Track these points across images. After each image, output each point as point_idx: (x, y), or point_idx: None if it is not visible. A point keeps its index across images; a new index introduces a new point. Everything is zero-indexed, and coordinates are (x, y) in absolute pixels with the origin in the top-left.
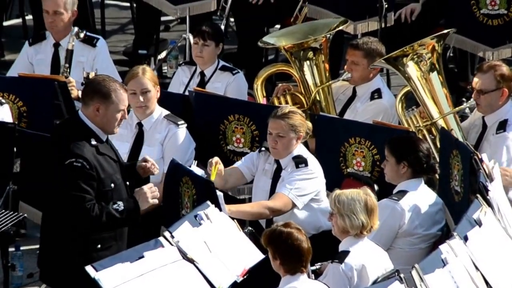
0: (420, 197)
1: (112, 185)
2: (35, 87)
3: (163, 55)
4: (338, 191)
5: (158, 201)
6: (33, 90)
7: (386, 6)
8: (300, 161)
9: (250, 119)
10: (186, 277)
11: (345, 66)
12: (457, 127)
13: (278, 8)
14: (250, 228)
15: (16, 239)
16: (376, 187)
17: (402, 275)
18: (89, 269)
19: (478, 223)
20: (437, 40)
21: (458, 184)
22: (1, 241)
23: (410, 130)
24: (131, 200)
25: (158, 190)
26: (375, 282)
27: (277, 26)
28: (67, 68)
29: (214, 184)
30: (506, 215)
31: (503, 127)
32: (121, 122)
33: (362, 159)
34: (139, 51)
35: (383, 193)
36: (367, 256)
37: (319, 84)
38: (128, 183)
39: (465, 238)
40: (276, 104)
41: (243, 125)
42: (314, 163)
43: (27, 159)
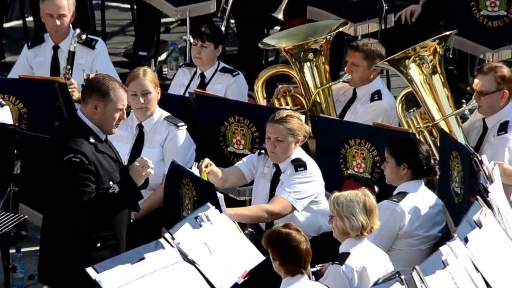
0: (420, 199)
1: (111, 183)
2: (36, 89)
3: (164, 57)
4: (337, 193)
5: (159, 203)
6: (34, 92)
7: (386, 8)
8: (299, 165)
9: (251, 121)
10: (187, 279)
11: (345, 68)
12: (459, 129)
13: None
14: (251, 230)
15: (17, 241)
16: (377, 189)
17: (403, 277)
18: (90, 271)
19: (478, 225)
20: (439, 42)
21: (458, 186)
22: (2, 243)
23: (410, 132)
24: (124, 179)
25: (159, 192)
26: (376, 284)
27: (277, 28)
28: (69, 70)
29: (213, 184)
30: (506, 217)
31: (504, 129)
32: (120, 123)
33: (362, 161)
34: (140, 53)
35: (384, 195)
36: (368, 258)
37: (319, 86)
38: None
39: (466, 240)
40: (277, 106)
41: (244, 127)
42: (313, 166)
43: (28, 161)
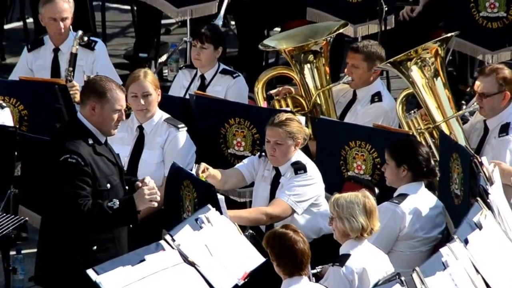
0: (421, 200)
1: (108, 186)
2: (36, 91)
3: (164, 59)
4: (337, 195)
5: (159, 205)
6: (34, 94)
7: (386, 9)
8: (299, 167)
9: (251, 123)
10: (187, 281)
11: (346, 69)
12: (460, 131)
13: (279, 11)
14: (251, 231)
15: (17, 243)
16: (377, 191)
17: (403, 278)
18: (90, 272)
19: (479, 226)
20: (440, 44)
21: (458, 187)
22: (2, 245)
23: (410, 134)
24: (128, 199)
25: (159, 194)
26: (376, 285)
27: (278, 29)
28: (71, 72)
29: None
30: (506, 218)
31: (506, 130)
32: (119, 124)
33: (363, 163)
34: (140, 54)
35: (384, 197)
36: (368, 259)
37: (320, 87)
38: (127, 188)
39: (466, 241)
40: (277, 107)
41: (244, 129)
42: (313, 169)
43: (28, 163)
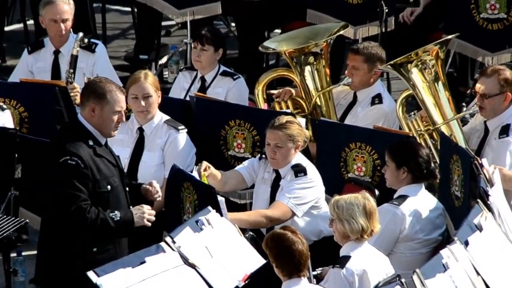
0: (421, 202)
1: (109, 187)
2: (36, 93)
3: (164, 60)
4: (337, 197)
5: (160, 207)
6: (34, 96)
7: (387, 11)
8: (299, 170)
9: (251, 124)
10: (188, 282)
11: (346, 71)
12: (460, 132)
13: (279, 13)
14: (251, 233)
15: (18, 245)
16: (377, 192)
17: (403, 280)
18: (91, 275)
19: (479, 228)
20: (440, 46)
21: (459, 189)
22: (3, 247)
23: (411, 135)
24: (129, 212)
25: (160, 195)
26: (377, 287)
27: (278, 31)
28: (72, 74)
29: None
30: (507, 220)
31: (506, 132)
32: (119, 125)
33: (363, 164)
34: (140, 56)
35: (384, 198)
36: (368, 261)
37: (320, 89)
38: (128, 189)
39: (466, 243)
40: (277, 109)
41: (244, 130)
42: (313, 171)
43: (28, 165)
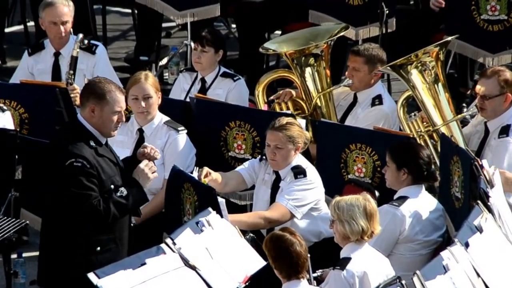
0: (421, 203)
1: (112, 187)
2: (37, 94)
3: (164, 62)
4: (338, 198)
5: (160, 208)
6: (35, 97)
7: (387, 12)
8: (299, 172)
9: (251, 126)
10: (188, 284)
11: (346, 72)
12: (460, 134)
13: (280, 14)
14: (252, 235)
15: (19, 246)
16: (377, 193)
17: (404, 282)
18: (92, 276)
19: (479, 230)
20: (440, 48)
21: (459, 190)
22: (4, 248)
23: (411, 137)
24: (132, 182)
25: (160, 197)
26: None
27: (278, 32)
28: (72, 75)
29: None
30: (507, 221)
31: (506, 132)
32: (119, 125)
33: (363, 165)
34: (141, 58)
35: (384, 199)
36: (369, 263)
37: (320, 90)
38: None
39: (466, 245)
40: (278, 110)
41: (244, 132)
42: (313, 173)
43: (29, 166)
